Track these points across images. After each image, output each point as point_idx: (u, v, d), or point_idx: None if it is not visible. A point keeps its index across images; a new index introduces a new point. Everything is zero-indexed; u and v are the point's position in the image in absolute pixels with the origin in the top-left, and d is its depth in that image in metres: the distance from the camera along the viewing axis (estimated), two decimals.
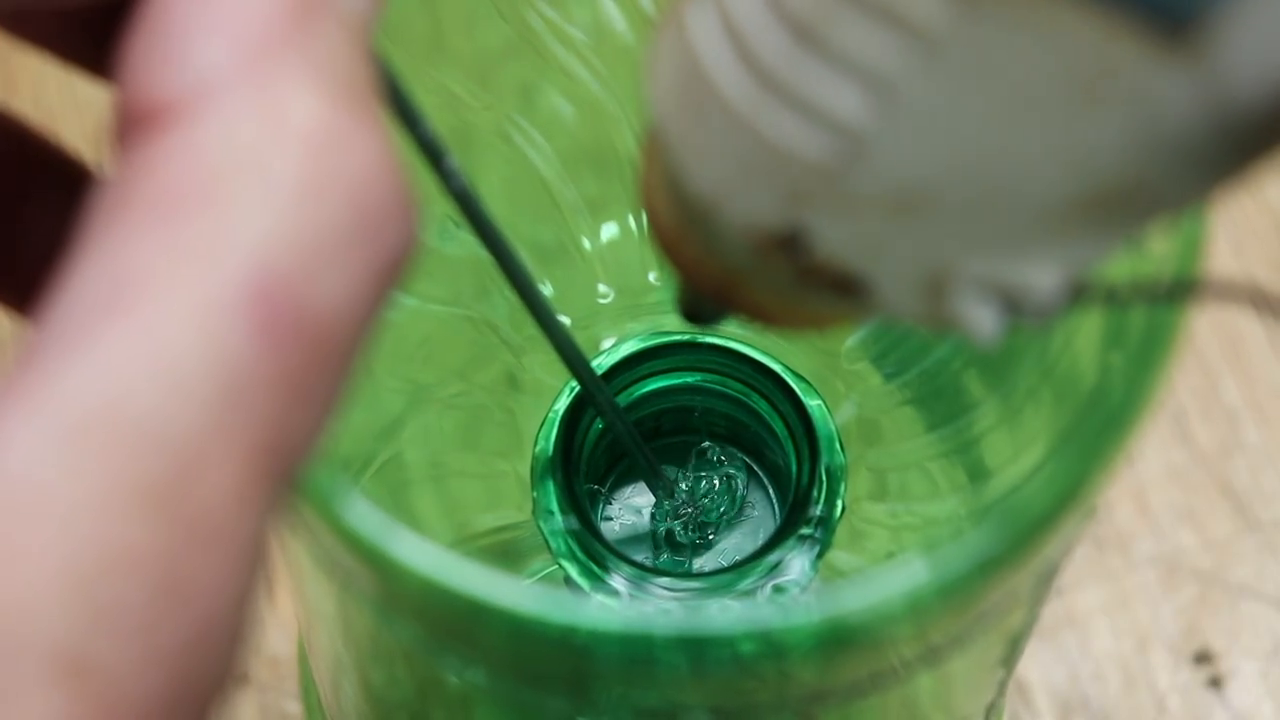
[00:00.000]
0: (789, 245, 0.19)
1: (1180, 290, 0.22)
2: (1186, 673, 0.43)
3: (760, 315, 0.22)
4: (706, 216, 0.20)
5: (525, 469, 0.33)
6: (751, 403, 0.34)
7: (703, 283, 0.22)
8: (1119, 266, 0.21)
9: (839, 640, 0.21)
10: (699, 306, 0.23)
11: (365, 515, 0.20)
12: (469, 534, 0.34)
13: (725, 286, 0.21)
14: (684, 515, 0.33)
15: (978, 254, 0.18)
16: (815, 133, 0.18)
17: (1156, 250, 0.22)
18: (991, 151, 0.17)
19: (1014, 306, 0.19)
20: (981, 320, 0.19)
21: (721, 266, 0.21)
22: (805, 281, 0.20)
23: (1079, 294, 0.19)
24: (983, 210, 0.18)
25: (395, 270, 0.16)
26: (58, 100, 0.49)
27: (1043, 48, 0.16)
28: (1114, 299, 0.20)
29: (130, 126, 0.16)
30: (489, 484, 0.34)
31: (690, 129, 0.19)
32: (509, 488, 0.34)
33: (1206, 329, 0.47)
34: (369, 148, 0.16)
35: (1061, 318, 0.19)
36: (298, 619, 0.40)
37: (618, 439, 0.32)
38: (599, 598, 0.30)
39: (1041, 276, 0.18)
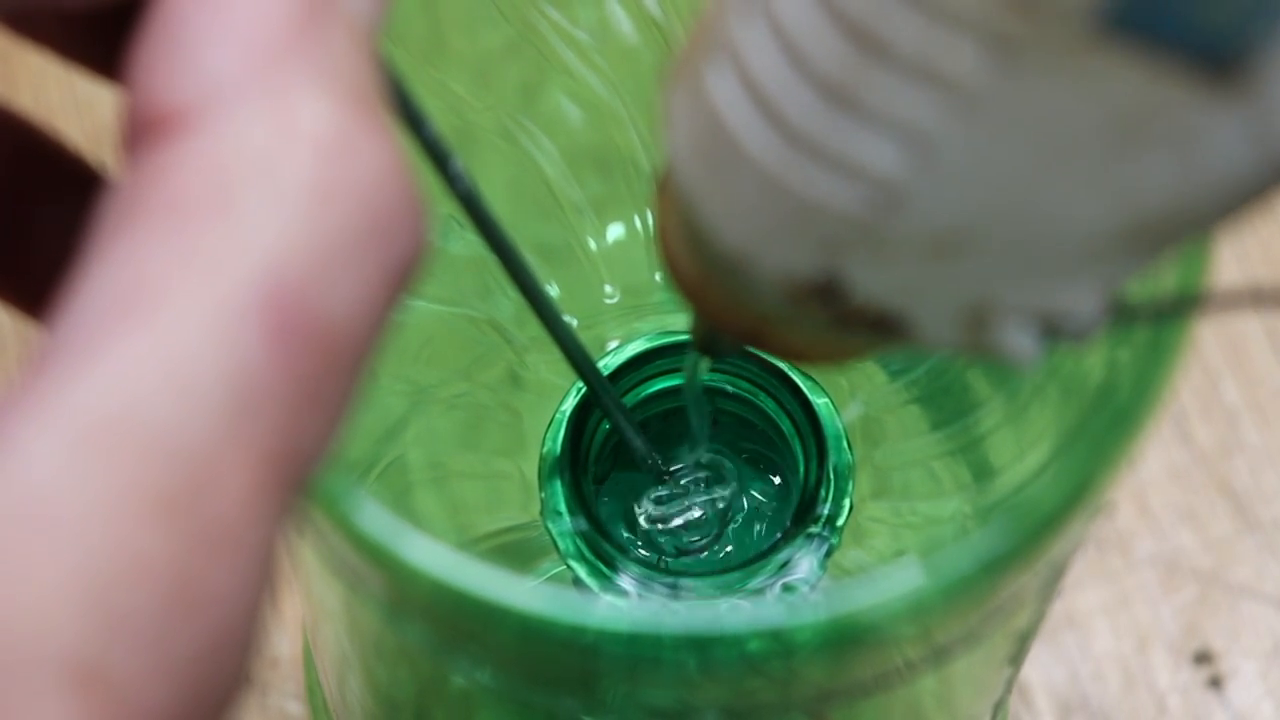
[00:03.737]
0: (825, 292, 0.19)
1: (1188, 303, 0.22)
2: (1186, 673, 0.43)
3: (790, 353, 0.22)
4: (735, 268, 0.20)
5: (531, 469, 0.33)
6: (759, 401, 0.34)
7: (729, 327, 0.22)
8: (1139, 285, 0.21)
9: (848, 639, 0.21)
10: (717, 342, 0.23)
11: (375, 517, 0.20)
12: (475, 535, 0.34)
13: (755, 330, 0.21)
14: (665, 529, 0.33)
15: (1019, 287, 0.18)
16: (849, 186, 0.18)
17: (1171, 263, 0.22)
18: (1033, 195, 0.17)
19: (1054, 331, 0.19)
20: (1023, 347, 0.19)
21: (751, 313, 0.21)
22: (842, 324, 0.20)
23: (1117, 312, 0.19)
24: (1024, 248, 0.18)
25: (406, 275, 0.16)
26: (58, 100, 0.49)
27: (1085, 95, 0.16)
28: (1130, 315, 0.20)
29: (140, 132, 0.16)
30: (494, 485, 0.34)
31: (715, 185, 0.19)
32: (515, 489, 0.34)
33: (1207, 330, 0.47)
34: (378, 152, 0.16)
35: (1100, 337, 0.19)
36: (303, 617, 0.40)
37: (624, 439, 0.32)
38: (608, 598, 0.30)
39: (1082, 301, 0.18)
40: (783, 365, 0.33)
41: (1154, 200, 0.17)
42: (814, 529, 0.31)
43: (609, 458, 0.34)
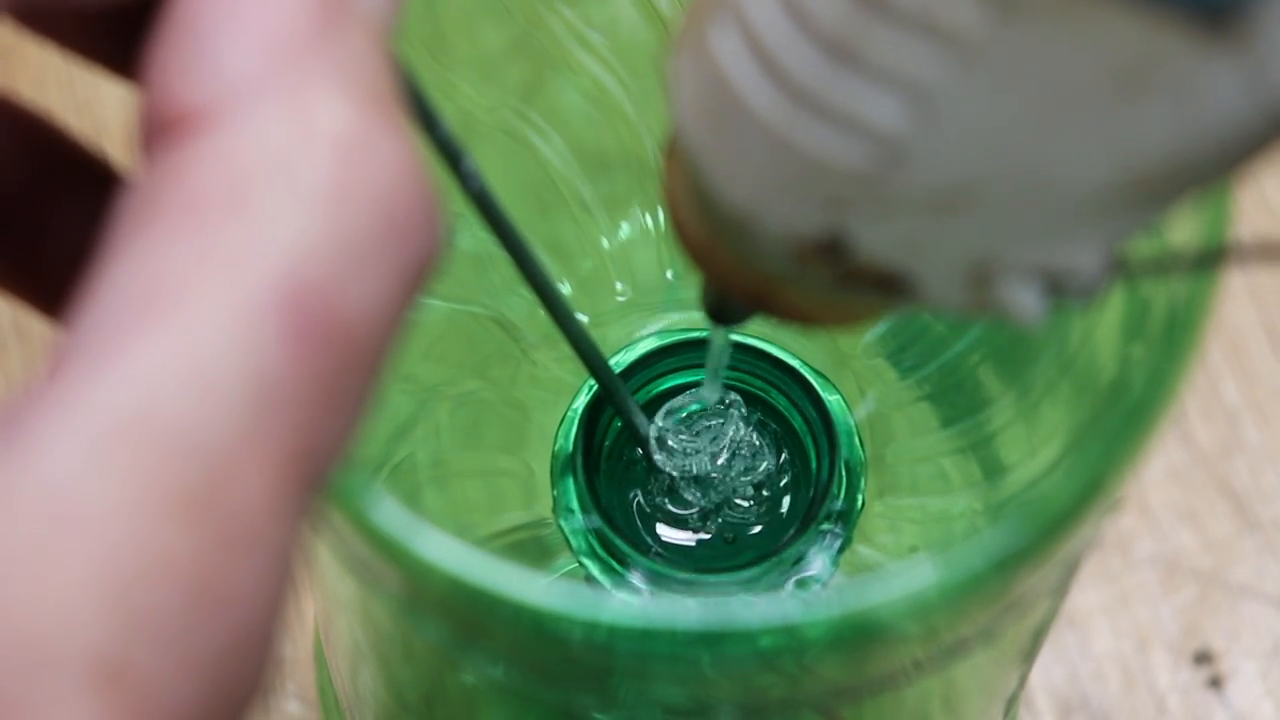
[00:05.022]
0: (830, 251, 0.19)
1: (1213, 258, 0.22)
2: (1186, 673, 0.43)
3: (797, 316, 0.22)
4: (741, 228, 0.20)
5: (542, 467, 0.33)
6: (770, 399, 0.34)
7: (736, 289, 0.22)
8: (1145, 243, 0.21)
9: (860, 635, 0.21)
10: (725, 306, 0.23)
11: (390, 513, 0.20)
12: (487, 533, 0.34)
13: (761, 292, 0.21)
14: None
15: (1021, 243, 0.19)
16: (852, 142, 0.18)
17: (1182, 223, 0.22)
18: (1033, 148, 0.17)
19: (1058, 288, 0.19)
20: (1026, 305, 0.19)
21: (758, 274, 0.21)
22: (846, 283, 0.20)
23: (1120, 270, 0.19)
24: (1026, 203, 0.18)
25: (422, 274, 0.16)
26: (58, 100, 0.49)
27: (1082, 47, 0.16)
28: (1133, 273, 0.20)
29: (158, 131, 0.16)
30: (504, 482, 0.34)
31: (720, 145, 0.19)
32: (525, 486, 0.34)
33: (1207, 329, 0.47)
34: (395, 152, 0.16)
35: (1104, 295, 0.19)
36: (314, 613, 0.40)
37: (635, 436, 0.32)
38: (621, 594, 0.30)
39: (1085, 257, 0.19)
40: (795, 363, 0.33)
41: (1153, 152, 0.17)
42: (826, 525, 0.32)
43: (621, 454, 0.34)
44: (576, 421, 0.32)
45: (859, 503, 0.32)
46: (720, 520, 0.33)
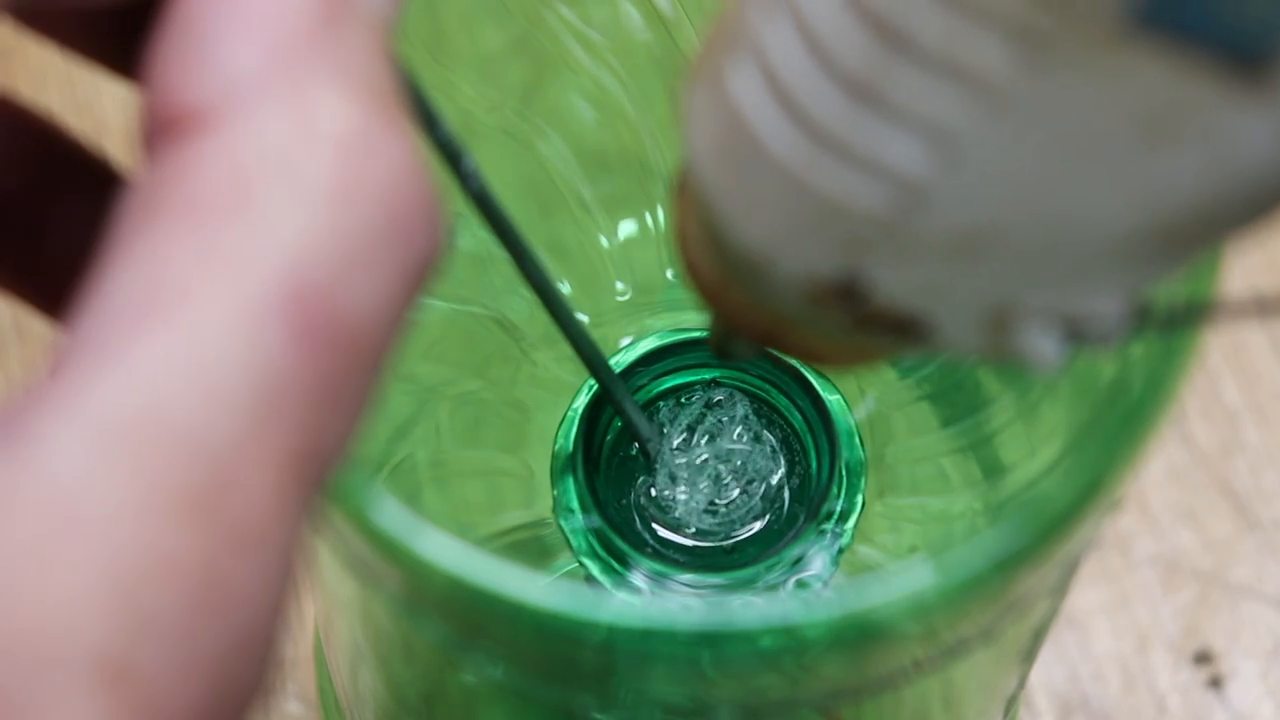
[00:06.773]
0: (846, 293, 0.19)
1: (1198, 309, 0.22)
2: (1186, 673, 0.43)
3: (809, 355, 0.22)
4: (756, 269, 0.20)
5: (542, 467, 0.33)
6: (770, 398, 0.34)
7: (748, 329, 0.22)
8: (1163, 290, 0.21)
9: (860, 635, 0.21)
10: (732, 345, 0.23)
11: (391, 513, 0.20)
12: (487, 533, 0.34)
13: (773, 332, 0.21)
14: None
15: (1042, 288, 0.18)
16: (873, 185, 0.18)
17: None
18: (1058, 194, 0.17)
19: (1077, 334, 0.19)
20: (1045, 351, 0.19)
21: (770, 314, 0.21)
22: (862, 326, 0.19)
23: (1141, 317, 0.19)
24: (1048, 249, 0.18)
25: (424, 273, 0.16)
26: (57, 100, 0.49)
27: (1111, 92, 0.16)
28: (1153, 320, 0.20)
29: (159, 130, 0.16)
30: (504, 482, 0.34)
31: (736, 185, 0.19)
32: (525, 486, 0.34)
33: (1208, 330, 0.47)
34: (397, 152, 0.16)
35: (1124, 342, 0.19)
36: (314, 613, 0.40)
37: (636, 436, 0.32)
38: (621, 594, 0.31)
39: (1106, 304, 0.18)
40: (795, 362, 0.33)
41: (1180, 200, 0.17)
42: (826, 525, 0.32)
43: (621, 454, 0.34)
44: (576, 421, 0.32)
45: (859, 503, 0.32)
46: (720, 521, 0.33)
